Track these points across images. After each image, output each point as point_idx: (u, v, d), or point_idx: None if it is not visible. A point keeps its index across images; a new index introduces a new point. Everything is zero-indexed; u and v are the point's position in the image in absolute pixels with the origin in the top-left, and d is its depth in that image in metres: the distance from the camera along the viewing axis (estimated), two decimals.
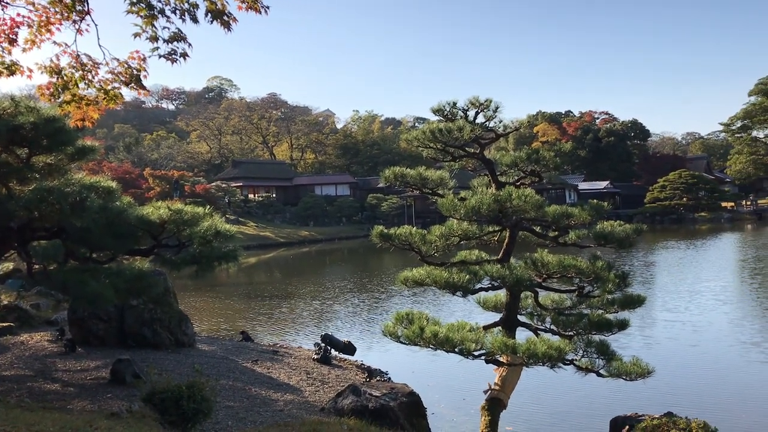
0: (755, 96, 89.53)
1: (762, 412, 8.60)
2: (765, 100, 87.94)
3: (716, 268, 25.70)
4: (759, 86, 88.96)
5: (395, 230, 6.56)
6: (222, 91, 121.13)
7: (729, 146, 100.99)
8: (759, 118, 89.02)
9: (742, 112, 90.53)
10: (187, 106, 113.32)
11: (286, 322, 16.87)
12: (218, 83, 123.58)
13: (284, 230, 59.45)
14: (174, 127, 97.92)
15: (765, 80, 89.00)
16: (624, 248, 6.54)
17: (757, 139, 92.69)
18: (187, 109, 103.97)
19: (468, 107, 6.76)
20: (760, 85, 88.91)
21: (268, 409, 7.56)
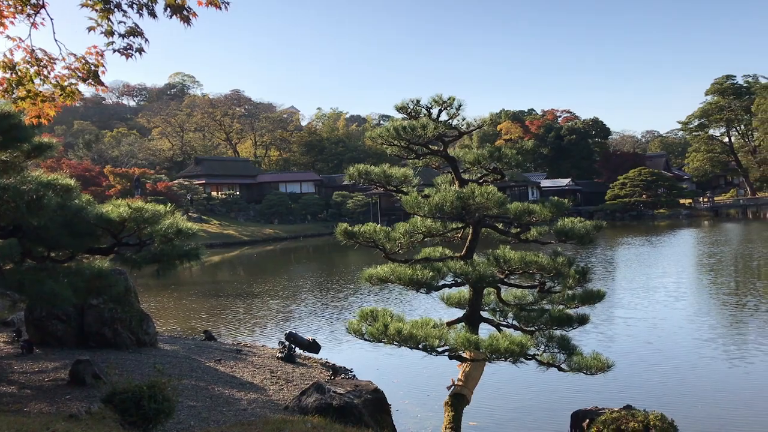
0: (711, 95, 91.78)
1: (716, 403, 8.82)
2: (721, 99, 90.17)
3: (672, 264, 26.27)
4: (715, 86, 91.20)
5: (359, 228, 6.57)
6: (184, 88, 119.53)
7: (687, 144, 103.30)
8: (715, 116, 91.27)
9: (699, 111, 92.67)
10: (148, 102, 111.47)
11: (250, 320, 16.74)
12: (180, 79, 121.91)
13: (248, 228, 58.97)
14: (135, 124, 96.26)
15: (721, 80, 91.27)
16: (584, 244, 6.65)
17: (714, 138, 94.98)
18: (149, 106, 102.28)
19: (431, 105, 6.79)
20: (715, 85, 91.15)
21: (231, 409, 7.50)
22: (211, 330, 13.98)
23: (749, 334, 12.61)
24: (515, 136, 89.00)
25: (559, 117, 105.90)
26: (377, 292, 19.20)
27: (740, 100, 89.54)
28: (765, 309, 15.12)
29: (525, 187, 75.40)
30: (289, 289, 22.86)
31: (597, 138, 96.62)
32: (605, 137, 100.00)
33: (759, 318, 14.07)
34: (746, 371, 10.10)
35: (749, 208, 72.39)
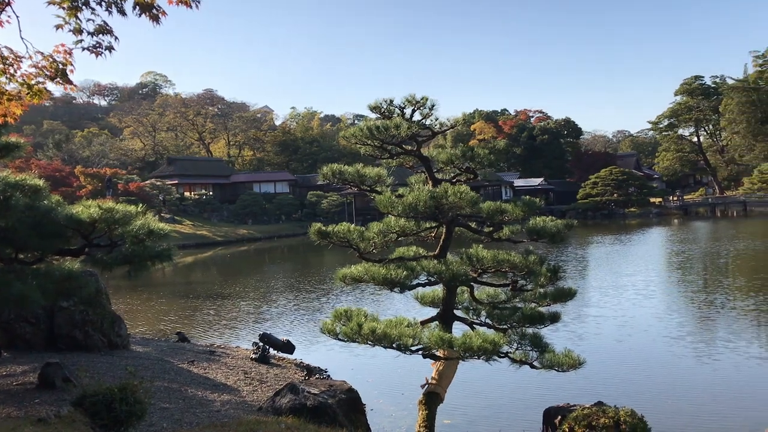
0: (681, 96, 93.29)
1: (685, 399, 8.99)
2: (689, 99, 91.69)
3: (642, 262, 26.64)
4: (684, 86, 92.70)
5: (333, 227, 6.57)
6: (156, 87, 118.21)
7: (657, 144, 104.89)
8: (684, 116, 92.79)
9: (669, 111, 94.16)
10: (120, 102, 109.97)
11: (224, 321, 16.63)
12: (152, 79, 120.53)
13: (222, 228, 58.53)
14: (107, 123, 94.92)
15: (689, 81, 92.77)
16: (556, 243, 6.72)
17: (683, 137, 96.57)
18: (121, 105, 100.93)
19: (405, 105, 6.81)
20: (684, 85, 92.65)
21: (204, 410, 7.45)
22: (184, 331, 13.85)
23: (717, 331, 12.84)
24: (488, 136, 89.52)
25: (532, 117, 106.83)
26: (352, 292, 19.19)
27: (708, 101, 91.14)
28: (732, 306, 15.41)
29: (498, 186, 75.93)
30: (263, 290, 22.74)
31: (569, 138, 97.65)
32: (577, 137, 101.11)
33: (726, 315, 14.33)
34: (714, 368, 10.30)
35: (717, 207, 73.66)
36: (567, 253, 30.22)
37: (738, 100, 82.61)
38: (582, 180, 77.48)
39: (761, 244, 30.66)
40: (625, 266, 25.12)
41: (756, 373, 9.96)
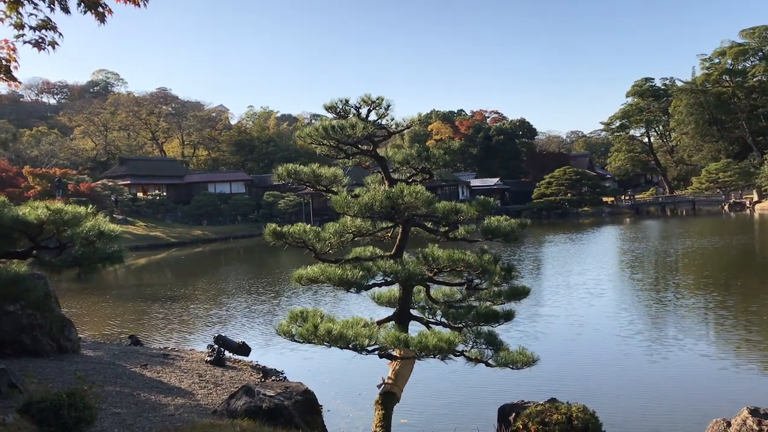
0: (632, 97, 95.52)
1: (636, 395, 9.19)
2: (640, 101, 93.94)
3: (593, 261, 27.19)
4: (635, 88, 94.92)
5: (288, 228, 6.51)
6: (108, 85, 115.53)
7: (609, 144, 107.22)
8: (635, 117, 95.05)
9: (621, 112, 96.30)
10: (70, 100, 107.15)
11: (178, 324, 16.37)
12: (104, 77, 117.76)
13: (176, 230, 57.65)
14: (56, 122, 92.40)
15: (640, 82, 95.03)
16: (510, 242, 6.79)
17: (634, 138, 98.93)
18: (71, 104, 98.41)
19: (360, 105, 6.79)
20: (635, 87, 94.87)
21: (157, 414, 7.31)
22: (137, 334, 13.59)
23: (666, 329, 13.16)
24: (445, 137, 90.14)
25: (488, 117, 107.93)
26: (309, 293, 19.10)
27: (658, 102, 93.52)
28: (681, 304, 15.83)
29: (455, 186, 76.53)
30: (218, 292, 22.46)
31: (524, 138, 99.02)
32: (532, 137, 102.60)
33: (675, 313, 14.71)
34: (663, 364, 10.55)
35: (667, 206, 75.63)
36: (522, 253, 30.63)
37: (686, 101, 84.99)
38: (537, 180, 78.66)
39: (707, 243, 31.59)
40: (577, 265, 25.57)
41: (703, 369, 10.25)
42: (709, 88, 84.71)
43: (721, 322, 13.63)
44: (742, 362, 10.58)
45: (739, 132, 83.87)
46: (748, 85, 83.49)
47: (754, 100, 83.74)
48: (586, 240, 39.61)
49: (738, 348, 11.47)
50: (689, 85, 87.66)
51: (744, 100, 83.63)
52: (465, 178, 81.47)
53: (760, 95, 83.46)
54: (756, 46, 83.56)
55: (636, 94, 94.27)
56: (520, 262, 26.16)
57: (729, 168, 70.57)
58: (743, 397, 8.27)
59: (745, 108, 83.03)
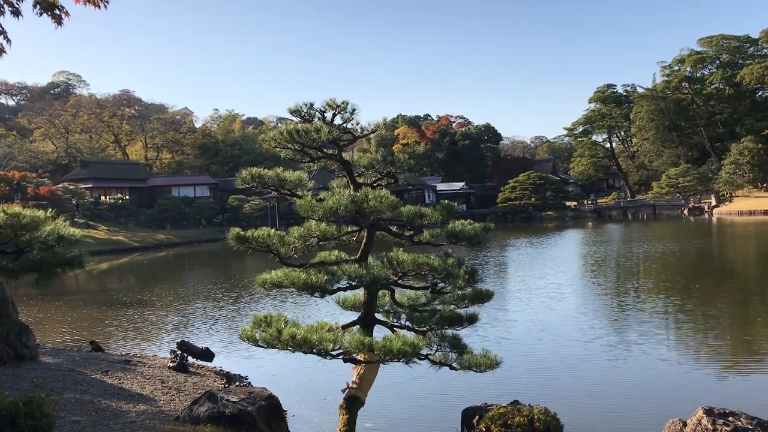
0: (594, 103, 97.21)
1: (598, 396, 9.34)
2: (603, 107, 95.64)
3: (555, 265, 27.53)
4: (597, 94, 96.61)
5: (252, 232, 6.47)
6: (69, 87, 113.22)
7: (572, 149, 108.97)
8: (598, 123, 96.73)
9: (583, 117, 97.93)
10: (29, 102, 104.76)
11: (141, 330, 16.13)
12: (65, 78, 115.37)
13: (139, 234, 56.83)
14: (15, 124, 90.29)
15: (602, 89, 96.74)
16: (474, 246, 6.85)
17: (597, 143, 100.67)
18: (30, 106, 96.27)
19: (325, 109, 6.79)
20: (598, 93, 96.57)
21: (118, 422, 7.19)
22: (98, 341, 13.34)
23: (627, 332, 13.35)
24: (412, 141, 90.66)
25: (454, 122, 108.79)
26: (274, 298, 18.99)
27: (620, 108, 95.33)
28: (641, 308, 16.11)
29: (422, 190, 76.94)
30: (182, 297, 22.19)
31: (489, 143, 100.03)
32: (497, 142, 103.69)
33: (635, 317, 14.93)
34: (625, 367, 10.72)
35: (629, 210, 77.07)
36: (485, 257, 30.88)
37: (647, 108, 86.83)
38: (502, 184, 79.48)
39: (667, 247, 32.25)
40: (539, 269, 25.83)
41: (663, 372, 10.44)
42: (669, 95, 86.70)
43: (680, 326, 13.92)
44: (701, 365, 10.82)
45: (698, 138, 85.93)
46: (706, 93, 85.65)
47: (712, 107, 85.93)
48: (548, 244, 40.12)
49: (696, 351, 11.73)
50: (650, 91, 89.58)
51: (702, 107, 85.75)
52: (431, 183, 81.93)
53: (717, 102, 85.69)
54: (713, 55, 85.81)
55: (598, 100, 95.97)
56: (483, 266, 26.37)
57: (688, 173, 72.26)
58: (700, 397, 8.46)
59: (704, 114, 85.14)
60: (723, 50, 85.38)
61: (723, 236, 40.15)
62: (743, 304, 16.12)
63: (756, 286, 19.56)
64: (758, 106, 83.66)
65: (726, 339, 12.51)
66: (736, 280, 20.56)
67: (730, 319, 14.41)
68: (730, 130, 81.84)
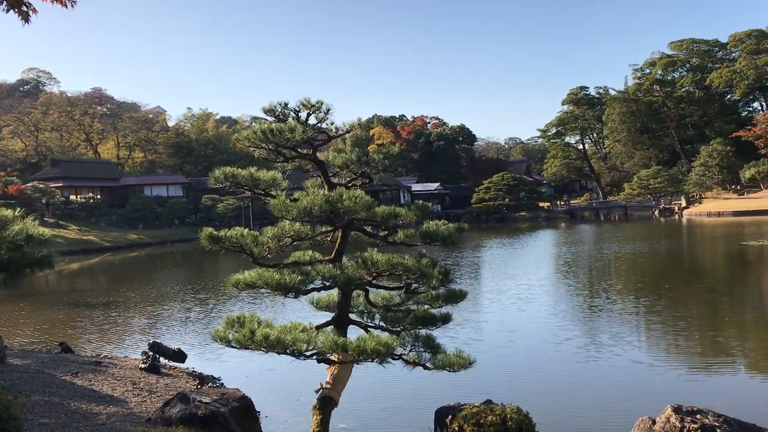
0: (567, 105, 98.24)
1: (569, 395, 9.45)
2: (575, 109, 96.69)
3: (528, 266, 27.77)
4: (570, 96, 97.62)
5: (226, 232, 6.42)
6: (39, 84, 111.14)
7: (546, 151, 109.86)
8: (571, 125, 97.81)
9: (557, 119, 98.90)
10: None
11: (112, 330, 15.93)
12: (35, 75, 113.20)
13: (110, 234, 56.12)
14: None
15: (575, 91, 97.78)
16: (448, 246, 6.88)
17: (570, 145, 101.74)
18: None
19: (300, 108, 6.76)
20: (571, 95, 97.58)
21: (88, 424, 7.09)
22: (68, 342, 13.14)
23: (598, 333, 13.50)
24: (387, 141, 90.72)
25: (429, 123, 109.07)
26: (248, 299, 18.88)
27: (593, 110, 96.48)
28: (611, 309, 16.30)
29: (397, 191, 77.07)
30: (154, 297, 21.95)
31: (464, 144, 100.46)
32: (471, 143, 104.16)
33: (606, 318, 15.09)
34: (596, 367, 10.84)
35: (601, 211, 77.96)
36: (457, 257, 31.02)
37: (619, 110, 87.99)
38: (476, 185, 79.94)
39: (638, 247, 32.70)
40: (511, 270, 26.00)
41: (633, 371, 10.58)
42: (641, 98, 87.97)
43: (650, 327, 14.10)
44: (670, 364, 10.98)
45: (669, 140, 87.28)
46: (676, 95, 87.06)
47: (683, 109, 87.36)
48: (520, 245, 40.44)
49: (667, 351, 11.90)
50: (622, 94, 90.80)
51: (673, 110, 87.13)
52: (406, 183, 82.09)
53: (687, 105, 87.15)
54: (684, 58, 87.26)
55: (571, 102, 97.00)
56: (457, 267, 26.49)
57: (659, 175, 73.32)
58: (670, 396, 8.57)
59: (674, 117, 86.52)
60: (693, 54, 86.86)
61: (692, 237, 40.82)
62: (712, 305, 16.40)
63: (724, 287, 19.92)
64: (727, 109, 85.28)
65: (695, 339, 12.71)
66: (706, 281, 20.92)
67: (699, 319, 14.66)
68: (699, 132, 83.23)
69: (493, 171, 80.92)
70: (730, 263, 26.09)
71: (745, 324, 14.04)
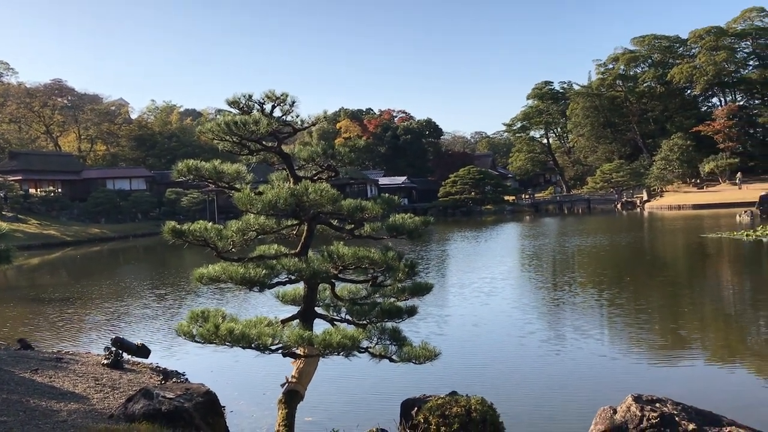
0: (532, 99, 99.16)
1: (533, 386, 9.59)
2: (540, 103, 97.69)
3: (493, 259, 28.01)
4: (535, 90, 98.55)
5: (189, 226, 6.34)
6: None
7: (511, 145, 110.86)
8: (536, 119, 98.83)
9: (522, 114, 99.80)
10: None
11: (73, 326, 15.64)
12: None
13: (72, 228, 55.09)
14: None
15: (540, 85, 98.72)
16: (414, 239, 6.89)
17: (534, 139, 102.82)
18: None
19: (264, 100, 6.69)
20: (535, 90, 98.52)
21: (48, 421, 6.96)
22: (27, 338, 12.87)
23: (561, 325, 13.67)
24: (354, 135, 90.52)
25: (396, 117, 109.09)
26: (214, 294, 18.70)
27: (557, 105, 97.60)
28: (574, 302, 16.53)
29: (364, 184, 77.01)
30: (117, 292, 21.62)
31: (431, 138, 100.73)
32: (438, 137, 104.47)
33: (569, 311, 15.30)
34: (559, 359, 10.99)
35: (564, 204, 78.95)
36: (426, 250, 31.15)
37: (583, 105, 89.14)
38: (442, 179, 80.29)
39: (601, 240, 33.20)
40: (475, 263, 26.19)
41: (596, 362, 10.76)
42: (604, 92, 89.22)
43: (612, 319, 14.33)
44: (632, 355, 11.19)
45: (631, 134, 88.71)
46: (638, 90, 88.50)
47: (644, 104, 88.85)
48: (486, 238, 40.74)
49: (629, 342, 12.11)
50: (585, 89, 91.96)
51: (635, 104, 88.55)
52: (374, 177, 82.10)
53: (649, 100, 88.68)
54: (646, 54, 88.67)
55: (536, 97, 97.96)
56: (423, 261, 26.60)
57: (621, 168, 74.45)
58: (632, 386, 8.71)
59: (636, 112, 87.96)
60: (655, 50, 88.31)
61: (653, 230, 41.58)
62: (672, 297, 16.73)
63: (684, 279, 20.34)
64: (687, 104, 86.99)
65: (656, 330, 12.96)
66: (666, 274, 21.33)
67: (660, 311, 14.95)
68: (661, 127, 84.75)
69: (459, 165, 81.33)
70: (689, 256, 26.65)
71: (704, 315, 14.38)
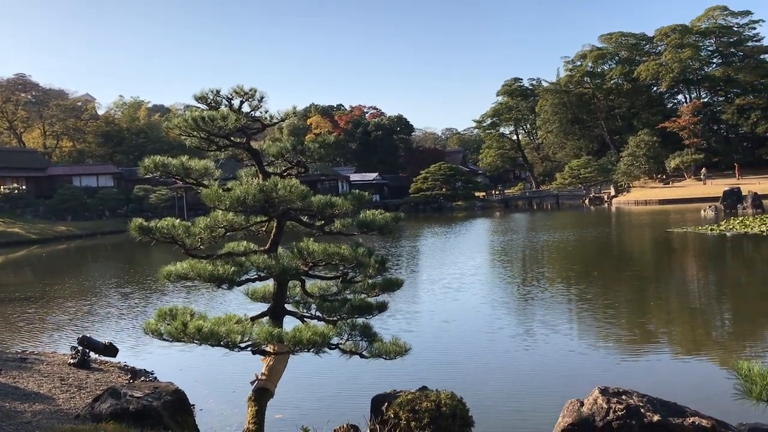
0: (502, 96, 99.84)
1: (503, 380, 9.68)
2: (510, 100, 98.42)
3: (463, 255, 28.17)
4: (504, 87, 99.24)
5: (156, 223, 6.26)
6: None
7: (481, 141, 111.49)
8: (505, 116, 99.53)
9: (492, 110, 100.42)
10: None
11: (39, 326, 15.36)
12: None
13: (37, 226, 54.05)
14: None
15: (510, 82, 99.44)
16: (385, 235, 6.89)
17: (504, 135, 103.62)
18: None
19: (232, 96, 6.62)
20: (505, 86, 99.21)
21: (11, 423, 6.82)
22: None
23: (530, 320, 13.79)
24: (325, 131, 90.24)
25: (367, 113, 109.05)
26: (184, 292, 18.51)
27: (526, 101, 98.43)
28: (543, 297, 16.69)
29: (335, 180, 76.86)
30: (84, 290, 21.28)
31: (402, 134, 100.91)
32: (409, 134, 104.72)
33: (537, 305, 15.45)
34: (528, 354, 11.10)
35: (534, 200, 79.75)
36: (397, 246, 31.21)
37: (551, 101, 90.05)
38: (414, 175, 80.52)
39: (568, 235, 33.59)
40: (447, 259, 26.30)
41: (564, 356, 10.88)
42: (572, 89, 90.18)
43: (580, 313, 14.50)
44: (600, 349, 11.34)
45: (599, 131, 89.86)
46: (606, 87, 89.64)
47: (612, 101, 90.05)
48: (456, 233, 40.96)
49: (596, 336, 12.27)
50: (554, 85, 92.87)
51: (603, 101, 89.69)
52: (345, 173, 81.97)
53: (616, 97, 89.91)
54: (613, 51, 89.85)
55: (506, 94, 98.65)
56: (394, 256, 26.65)
57: (589, 165, 75.45)
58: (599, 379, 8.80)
59: (604, 108, 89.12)
60: (622, 47, 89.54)
61: (621, 225, 42.19)
62: (639, 291, 17.00)
63: (651, 273, 20.67)
64: (653, 101, 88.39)
65: (623, 324, 13.15)
66: (633, 268, 21.66)
67: (627, 305, 15.18)
68: (628, 123, 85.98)
69: (430, 161, 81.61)
70: (656, 250, 27.09)
71: (671, 309, 14.64)
